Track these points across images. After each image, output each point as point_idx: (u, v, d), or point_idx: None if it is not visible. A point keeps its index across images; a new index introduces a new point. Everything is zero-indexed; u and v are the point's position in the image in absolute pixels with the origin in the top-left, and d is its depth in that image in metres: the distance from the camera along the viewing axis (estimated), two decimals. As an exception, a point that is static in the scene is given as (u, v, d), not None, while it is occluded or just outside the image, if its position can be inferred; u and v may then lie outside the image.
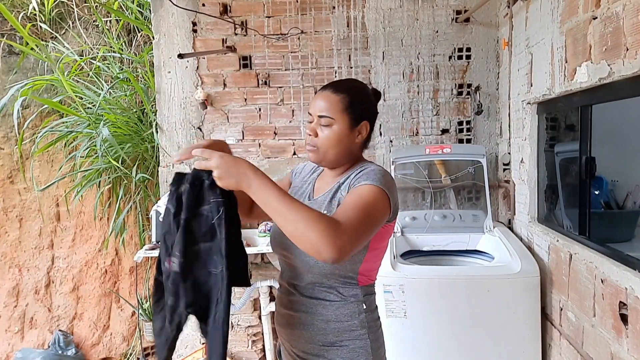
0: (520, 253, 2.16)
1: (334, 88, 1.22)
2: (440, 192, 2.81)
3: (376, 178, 1.12)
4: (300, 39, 2.84)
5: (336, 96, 1.20)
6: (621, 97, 1.55)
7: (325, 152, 1.21)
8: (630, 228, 2.05)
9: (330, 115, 1.19)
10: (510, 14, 2.45)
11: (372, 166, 1.21)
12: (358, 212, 1.02)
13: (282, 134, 2.90)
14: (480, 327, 2.05)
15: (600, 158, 1.85)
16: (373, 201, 1.07)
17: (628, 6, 1.37)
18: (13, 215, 3.40)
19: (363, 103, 1.23)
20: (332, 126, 1.19)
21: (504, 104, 2.69)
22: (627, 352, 1.46)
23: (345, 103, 1.19)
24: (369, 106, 1.25)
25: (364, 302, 1.21)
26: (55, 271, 3.43)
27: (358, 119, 1.21)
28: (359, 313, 1.20)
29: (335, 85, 1.24)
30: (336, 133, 1.19)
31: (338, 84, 1.25)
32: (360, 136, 1.23)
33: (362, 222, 1.02)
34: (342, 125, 1.19)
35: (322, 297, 1.20)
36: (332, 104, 1.19)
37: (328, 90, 1.22)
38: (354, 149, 1.25)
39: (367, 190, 1.09)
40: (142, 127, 3.15)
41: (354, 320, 1.19)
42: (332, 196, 1.22)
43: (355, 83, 1.30)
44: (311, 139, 1.22)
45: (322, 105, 1.20)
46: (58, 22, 3.41)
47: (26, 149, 3.32)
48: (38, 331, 3.41)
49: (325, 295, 1.19)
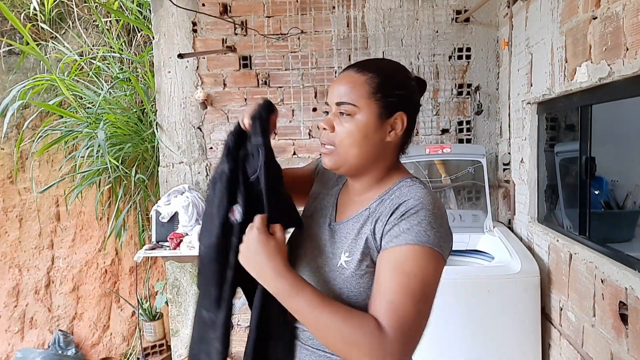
0: (520, 253, 2.16)
1: (360, 66, 0.91)
2: (440, 192, 2.81)
3: (422, 228, 0.81)
4: (300, 39, 2.84)
5: (362, 76, 0.89)
6: (621, 97, 1.55)
7: (345, 153, 0.90)
8: (630, 228, 2.05)
9: (352, 101, 0.88)
10: (510, 14, 2.45)
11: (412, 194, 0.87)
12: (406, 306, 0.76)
13: (282, 134, 2.89)
14: (480, 327, 2.05)
15: (600, 158, 1.85)
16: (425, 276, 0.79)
17: (628, 6, 1.37)
18: (13, 215, 3.40)
19: (399, 88, 0.91)
20: (354, 116, 0.88)
21: (504, 104, 2.69)
22: (627, 352, 1.46)
23: (373, 85, 0.88)
24: (408, 93, 0.92)
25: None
26: (55, 271, 3.43)
27: (391, 108, 0.89)
28: None
29: (362, 64, 0.93)
30: (360, 126, 0.88)
31: (366, 61, 0.94)
32: (394, 133, 0.91)
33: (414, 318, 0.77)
34: (367, 115, 0.88)
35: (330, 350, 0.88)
36: (355, 87, 0.88)
37: (352, 70, 0.91)
38: (386, 152, 0.93)
39: (414, 259, 0.79)
40: (142, 127, 3.15)
41: None
42: (360, 229, 0.91)
43: (390, 62, 0.96)
44: (327, 135, 0.91)
45: (342, 90, 0.90)
46: (58, 22, 3.41)
47: (26, 148, 3.32)
48: (38, 331, 3.41)
49: None
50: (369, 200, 0.93)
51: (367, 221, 0.90)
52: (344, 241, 0.92)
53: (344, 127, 0.89)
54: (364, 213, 0.92)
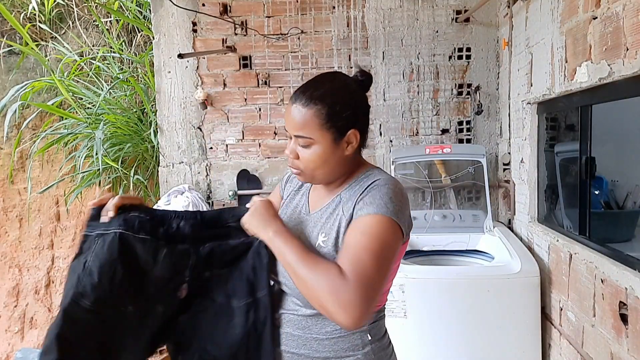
0: (520, 253, 2.16)
1: (306, 99, 0.99)
2: (440, 192, 2.81)
3: (383, 202, 0.95)
4: (300, 39, 2.84)
5: (309, 110, 0.98)
6: (621, 97, 1.55)
7: (312, 174, 1.03)
8: (630, 228, 2.05)
9: (307, 135, 0.98)
10: (510, 14, 2.45)
11: (376, 177, 1.02)
12: (365, 258, 0.89)
13: (282, 134, 2.89)
14: (480, 327, 2.05)
15: (600, 158, 1.85)
16: (384, 240, 0.92)
17: (628, 6, 1.37)
18: (13, 215, 3.40)
19: (345, 109, 1.00)
20: (312, 146, 0.99)
21: (504, 104, 2.69)
22: (627, 352, 1.46)
23: (322, 117, 0.97)
24: (353, 110, 1.02)
25: (368, 332, 1.04)
26: (55, 271, 3.43)
27: (342, 130, 1.00)
28: (362, 346, 1.03)
29: (306, 94, 0.99)
30: (319, 153, 0.99)
31: (309, 91, 1.00)
32: (351, 146, 1.02)
33: (372, 269, 0.88)
34: (323, 144, 0.99)
35: (316, 330, 1.03)
36: (307, 121, 0.98)
37: (299, 103, 0.99)
38: (347, 161, 1.04)
39: (375, 225, 0.93)
40: (142, 127, 3.16)
41: (357, 355, 1.02)
42: (331, 212, 1.04)
43: (330, 84, 1.03)
44: (292, 162, 1.04)
45: (295, 123, 0.99)
46: (58, 23, 3.41)
47: (26, 148, 3.32)
48: (38, 331, 3.41)
49: (320, 328, 1.03)
50: (340, 190, 1.07)
51: (338, 205, 1.04)
52: (318, 225, 1.05)
53: (305, 155, 1.01)
54: (335, 199, 1.06)
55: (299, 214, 1.13)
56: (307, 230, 1.07)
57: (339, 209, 1.03)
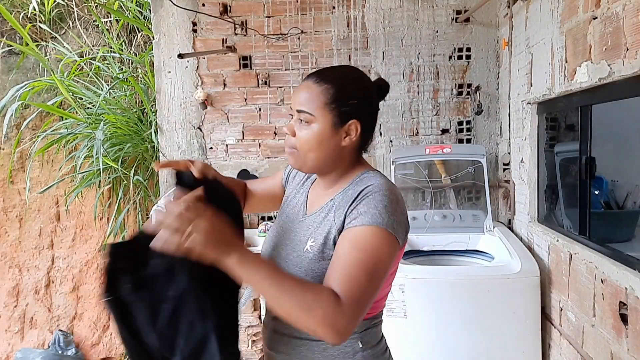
0: (520, 253, 2.16)
1: (319, 76, 1.00)
2: (440, 192, 2.81)
3: (377, 211, 0.90)
4: (300, 39, 2.84)
5: (318, 87, 0.98)
6: (621, 97, 1.55)
7: (304, 156, 1.00)
8: (630, 228, 2.05)
9: (309, 110, 0.97)
10: (510, 14, 2.45)
11: (370, 181, 0.98)
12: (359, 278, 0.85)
13: (282, 133, 2.89)
14: (480, 327, 2.05)
15: (600, 158, 1.85)
16: (378, 255, 0.88)
17: (628, 6, 1.37)
18: (13, 215, 3.40)
19: (353, 97, 0.99)
20: (311, 124, 0.97)
21: (504, 104, 2.69)
22: (627, 352, 1.46)
23: (327, 96, 0.97)
24: (361, 102, 1.00)
25: (359, 340, 1.00)
26: (55, 271, 3.43)
27: (344, 117, 0.98)
28: (353, 353, 0.99)
29: (321, 73, 1.01)
30: (315, 133, 0.97)
31: (325, 71, 1.03)
32: (349, 138, 1.00)
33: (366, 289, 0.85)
34: (322, 124, 0.97)
35: (306, 335, 0.98)
36: (313, 97, 0.97)
37: (311, 80, 1.00)
38: (344, 154, 1.02)
39: (370, 238, 0.89)
40: (142, 127, 3.15)
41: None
42: (324, 218, 1.02)
43: (347, 71, 1.05)
44: (289, 139, 1.01)
45: (301, 98, 0.99)
46: (58, 23, 3.41)
47: (26, 148, 3.32)
48: (38, 331, 3.41)
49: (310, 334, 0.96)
50: (334, 192, 1.04)
51: (331, 210, 1.01)
52: (310, 230, 1.03)
53: (302, 133, 0.99)
54: (329, 204, 1.03)
55: (296, 214, 1.11)
56: (300, 234, 1.05)
57: (330, 214, 1.00)
